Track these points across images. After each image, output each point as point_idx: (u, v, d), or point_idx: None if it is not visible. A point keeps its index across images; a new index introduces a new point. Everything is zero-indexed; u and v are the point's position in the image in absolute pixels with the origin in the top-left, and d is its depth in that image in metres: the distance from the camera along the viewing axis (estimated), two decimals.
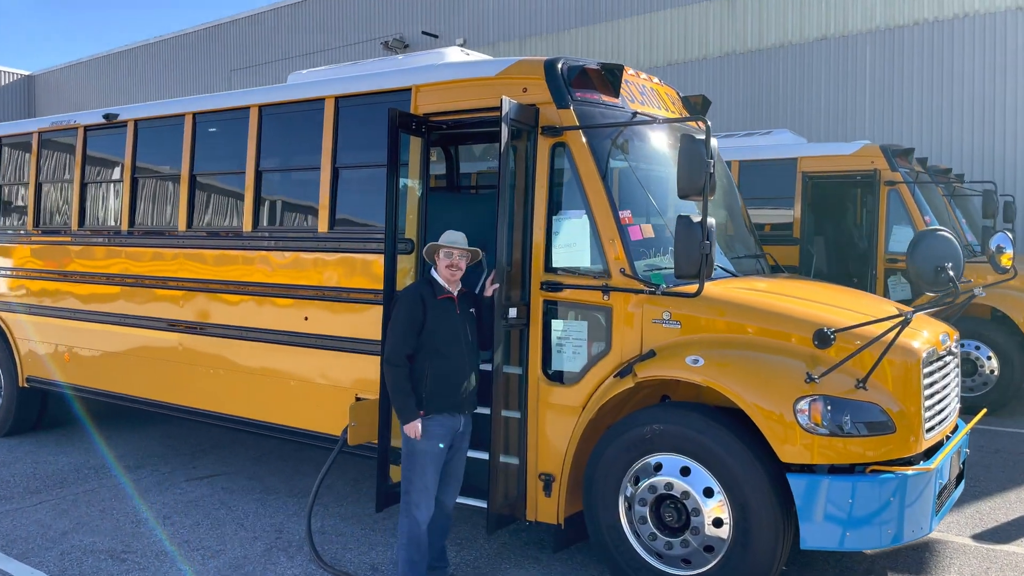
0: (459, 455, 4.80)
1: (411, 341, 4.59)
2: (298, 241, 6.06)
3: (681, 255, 4.11)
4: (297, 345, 6.00)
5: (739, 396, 4.15)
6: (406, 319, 4.61)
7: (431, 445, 4.60)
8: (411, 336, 4.59)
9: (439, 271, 4.75)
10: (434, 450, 4.62)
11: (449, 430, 4.66)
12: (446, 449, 4.69)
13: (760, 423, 4.10)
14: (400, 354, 4.60)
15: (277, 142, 6.31)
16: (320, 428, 5.89)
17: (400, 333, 4.62)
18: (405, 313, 4.63)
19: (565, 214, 4.89)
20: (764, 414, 4.09)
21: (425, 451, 4.60)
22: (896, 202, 9.73)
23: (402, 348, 4.60)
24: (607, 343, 4.73)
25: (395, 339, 4.65)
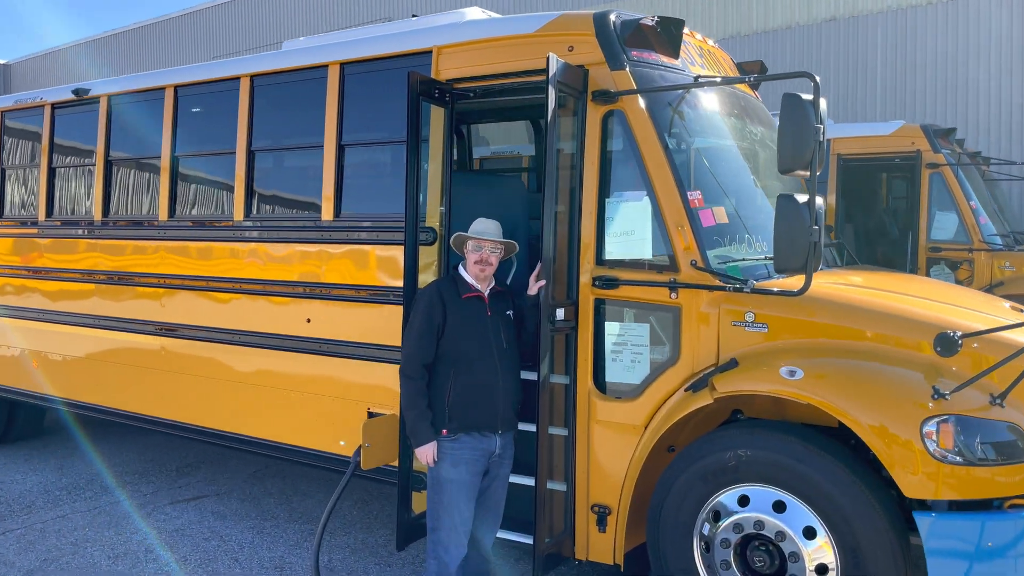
0: (497, 483, 4.03)
1: (428, 348, 3.84)
2: (298, 231, 5.24)
3: (783, 244, 3.34)
4: (298, 351, 5.19)
5: (851, 417, 3.38)
6: (422, 323, 3.85)
7: (459, 473, 3.84)
8: (428, 342, 3.83)
9: (468, 266, 3.97)
10: (463, 478, 3.85)
11: (481, 454, 3.89)
12: (479, 476, 3.92)
13: (879, 449, 3.34)
14: (415, 364, 3.84)
15: (273, 117, 5.48)
16: (327, 448, 5.09)
17: (415, 339, 3.86)
18: (421, 315, 3.87)
19: (621, 196, 4.11)
20: (885, 438, 3.33)
21: (453, 480, 3.83)
22: (939, 186, 9.02)
23: (417, 356, 3.84)
24: (674, 350, 3.96)
25: (409, 346, 3.89)
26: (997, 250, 8.80)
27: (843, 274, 4.38)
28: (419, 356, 3.85)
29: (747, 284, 3.66)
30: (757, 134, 4.74)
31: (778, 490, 3.57)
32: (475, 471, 3.88)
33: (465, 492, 3.86)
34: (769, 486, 3.60)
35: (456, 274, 4.05)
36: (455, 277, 4.03)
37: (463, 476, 3.84)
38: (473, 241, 3.97)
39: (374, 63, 4.95)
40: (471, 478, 3.87)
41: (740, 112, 4.67)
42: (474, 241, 3.97)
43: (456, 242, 4.08)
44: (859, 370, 3.51)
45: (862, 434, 3.38)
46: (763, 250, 4.18)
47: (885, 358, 3.52)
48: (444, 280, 4.09)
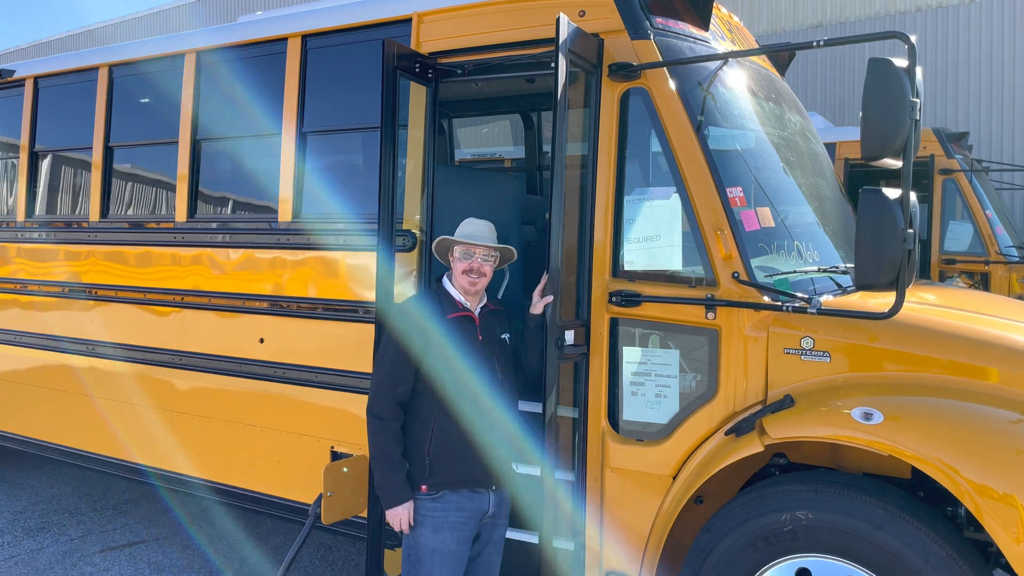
0: (490, 549, 3.25)
1: (403, 383, 3.08)
2: (251, 234, 4.42)
3: (868, 253, 2.59)
4: (249, 376, 4.37)
5: (953, 474, 2.64)
6: (396, 350, 3.08)
7: (442, 541, 3.07)
8: (403, 375, 3.07)
9: (454, 278, 3.20)
10: (448, 547, 3.08)
11: (470, 516, 3.12)
12: (468, 543, 3.15)
13: (990, 518, 2.60)
14: (386, 402, 3.07)
15: (223, 101, 4.66)
16: (283, 493, 4.27)
17: (386, 372, 3.09)
18: (395, 341, 3.10)
19: (644, 193, 3.36)
20: (998, 505, 2.59)
21: (435, 550, 3.06)
22: (952, 193, 8.41)
23: (389, 394, 3.07)
24: (711, 382, 3.21)
25: (379, 380, 3.13)
26: (1014, 263, 8.22)
27: (916, 290, 3.65)
28: (391, 393, 3.06)
29: (812, 303, 2.91)
30: (796, 123, 4.02)
31: (849, 563, 2.83)
32: (462, 537, 3.10)
33: (450, 564, 3.07)
34: (837, 558, 2.85)
35: (440, 288, 3.28)
36: (438, 292, 3.26)
37: (447, 545, 3.06)
38: (461, 247, 3.21)
39: (342, 35, 4.16)
40: (457, 546, 3.09)
41: (777, 97, 3.95)
42: (463, 247, 3.21)
43: (440, 248, 3.31)
44: (956, 413, 2.78)
45: (961, 495, 2.65)
46: (814, 260, 3.46)
47: (988, 398, 2.80)
48: (424, 296, 3.32)
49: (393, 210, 3.51)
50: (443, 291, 3.26)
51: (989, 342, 2.92)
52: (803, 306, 2.93)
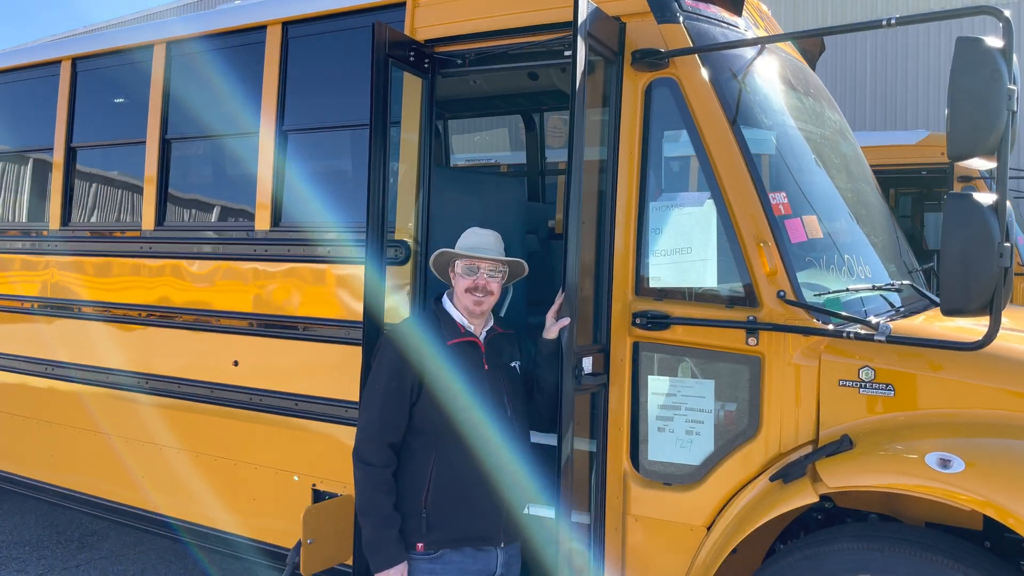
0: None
1: (396, 423, 2.62)
2: (225, 244, 3.96)
3: (955, 270, 2.16)
4: (221, 403, 3.90)
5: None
6: (387, 385, 2.62)
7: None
8: (396, 414, 2.62)
9: (456, 297, 2.75)
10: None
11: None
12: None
13: None
14: (375, 447, 2.62)
15: (195, 96, 4.20)
16: (257, 535, 3.80)
17: (376, 410, 2.63)
18: (386, 374, 2.63)
19: (673, 199, 2.92)
20: None
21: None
22: None
23: (379, 436, 2.62)
24: (752, 418, 2.77)
25: (368, 421, 2.65)
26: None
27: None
28: (382, 435, 2.61)
29: (880, 329, 2.47)
30: (835, 121, 3.60)
31: None
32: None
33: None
34: None
35: (439, 309, 2.82)
36: (437, 314, 2.81)
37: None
38: (464, 261, 2.76)
39: (327, 21, 3.72)
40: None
41: (816, 92, 3.53)
42: (465, 261, 2.76)
43: (438, 263, 2.86)
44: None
45: None
46: (866, 276, 3.03)
47: None
48: (420, 318, 2.86)
49: (384, 218, 3.06)
50: (442, 312, 2.80)
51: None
52: (868, 332, 2.49)
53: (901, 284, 3.13)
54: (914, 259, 3.86)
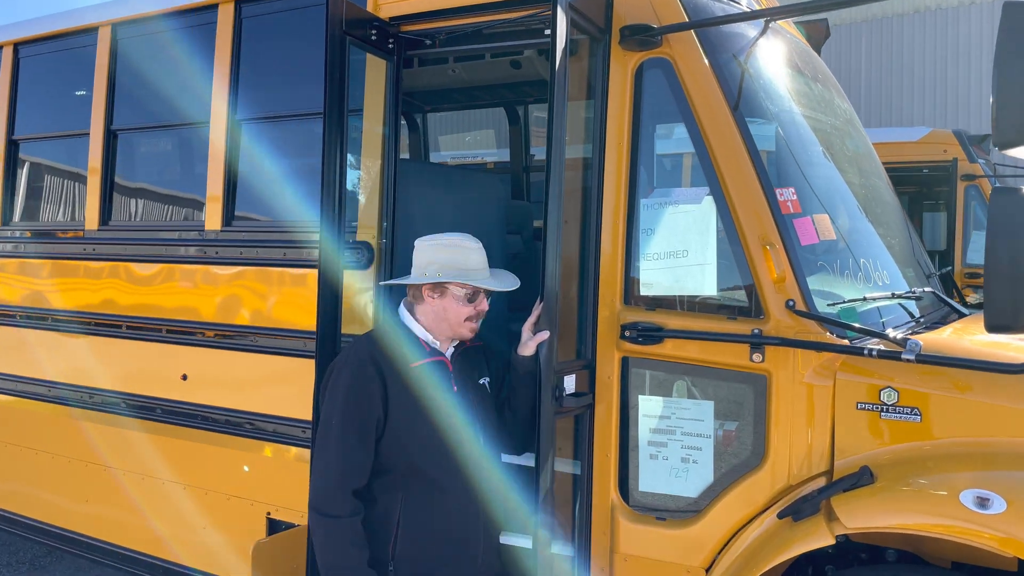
0: None
1: (360, 465, 2.26)
2: (174, 244, 3.60)
3: (1002, 279, 1.82)
4: (168, 420, 3.54)
5: None
6: (344, 422, 2.26)
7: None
8: (359, 455, 2.25)
9: (437, 319, 2.37)
10: None
11: None
12: None
13: None
14: (338, 496, 2.24)
15: (143, 84, 3.83)
16: (208, 567, 3.44)
17: (334, 454, 2.26)
18: (343, 409, 2.26)
19: (667, 196, 2.58)
20: None
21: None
22: (976, 201, 7.72)
23: (340, 483, 2.24)
24: (757, 445, 2.43)
25: (325, 466, 2.26)
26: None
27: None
28: (344, 481, 2.23)
29: (908, 346, 2.13)
30: (845, 111, 3.27)
31: None
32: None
33: None
34: None
35: (399, 323, 2.45)
36: (398, 329, 2.44)
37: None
38: (470, 289, 2.39)
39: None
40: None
41: (824, 79, 3.20)
42: (472, 289, 2.39)
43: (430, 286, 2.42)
44: None
45: None
46: (883, 283, 2.70)
47: None
48: (378, 337, 2.46)
49: (341, 216, 2.71)
50: (401, 327, 2.43)
51: None
52: (895, 349, 2.16)
53: (923, 292, 2.80)
54: (929, 262, 3.54)
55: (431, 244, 2.44)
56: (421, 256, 2.43)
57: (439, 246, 2.42)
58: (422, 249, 2.44)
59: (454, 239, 2.44)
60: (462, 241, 2.43)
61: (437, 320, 2.40)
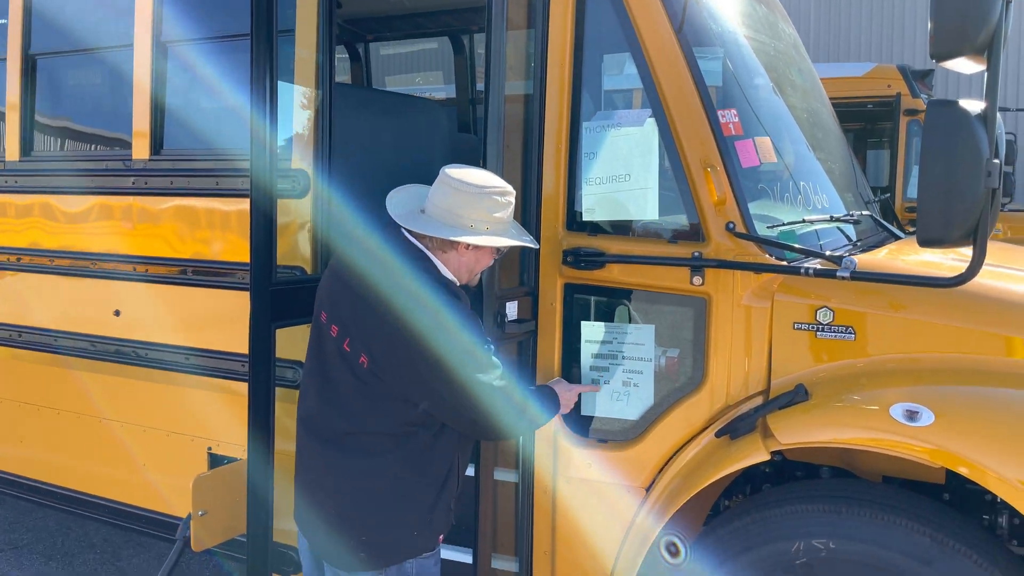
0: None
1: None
2: (100, 176, 3.44)
3: (936, 192, 1.84)
4: (102, 357, 3.44)
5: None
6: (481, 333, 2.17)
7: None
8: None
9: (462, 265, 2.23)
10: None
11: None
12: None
13: None
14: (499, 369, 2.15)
15: (62, 4, 3.61)
16: (149, 504, 3.40)
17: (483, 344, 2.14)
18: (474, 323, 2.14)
19: (609, 119, 2.54)
20: None
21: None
22: (919, 136, 7.82)
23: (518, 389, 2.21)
24: (697, 368, 2.46)
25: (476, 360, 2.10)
26: None
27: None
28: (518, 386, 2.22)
29: (843, 263, 2.15)
30: (789, 35, 3.24)
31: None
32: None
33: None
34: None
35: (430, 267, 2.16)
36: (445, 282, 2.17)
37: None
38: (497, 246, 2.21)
39: None
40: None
41: (769, 2, 3.15)
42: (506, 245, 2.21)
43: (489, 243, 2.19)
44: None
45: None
46: (822, 207, 2.72)
47: None
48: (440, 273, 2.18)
49: (273, 141, 2.60)
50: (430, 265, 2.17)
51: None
52: (830, 268, 2.18)
53: (860, 215, 2.83)
54: (869, 189, 3.58)
55: (476, 192, 2.11)
56: (467, 207, 2.11)
57: (482, 194, 2.12)
58: (466, 199, 2.11)
59: (492, 183, 2.16)
60: (502, 186, 2.18)
61: (462, 269, 2.21)
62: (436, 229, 2.12)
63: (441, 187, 2.16)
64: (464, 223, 2.12)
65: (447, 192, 2.14)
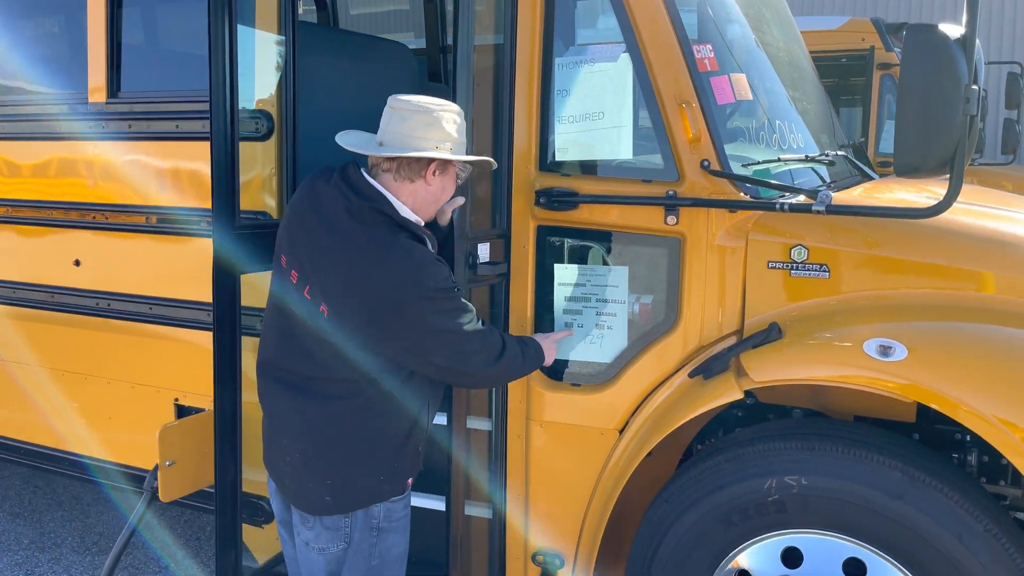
0: None
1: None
2: (55, 120, 3.31)
3: (913, 120, 1.81)
4: (63, 309, 3.35)
5: (1007, 430, 1.95)
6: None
7: (406, 542, 2.30)
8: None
9: (426, 201, 2.14)
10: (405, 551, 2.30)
11: None
12: None
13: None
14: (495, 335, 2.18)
15: None
16: (116, 457, 3.34)
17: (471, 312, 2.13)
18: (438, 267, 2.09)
19: (582, 55, 2.47)
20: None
21: (401, 556, 2.28)
22: (892, 92, 7.83)
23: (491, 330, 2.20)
24: (671, 309, 2.43)
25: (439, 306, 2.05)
26: None
27: (914, 185, 2.91)
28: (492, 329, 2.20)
29: (819, 197, 2.12)
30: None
31: (852, 540, 2.16)
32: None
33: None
34: (836, 534, 2.18)
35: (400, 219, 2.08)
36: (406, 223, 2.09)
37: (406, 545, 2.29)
38: (461, 166, 2.18)
39: None
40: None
41: None
42: (462, 166, 2.18)
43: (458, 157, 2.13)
44: (1003, 342, 2.09)
45: (1013, 455, 1.98)
46: (798, 146, 2.69)
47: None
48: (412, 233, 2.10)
49: (230, 79, 2.49)
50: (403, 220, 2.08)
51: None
52: (806, 203, 2.15)
53: (835, 155, 2.81)
54: (843, 133, 3.56)
55: (434, 112, 2.05)
56: (427, 128, 2.04)
57: (441, 113, 2.05)
58: (425, 119, 2.04)
59: (447, 103, 2.12)
60: (455, 106, 2.14)
61: (428, 201, 2.12)
62: (404, 151, 2.04)
63: (396, 113, 2.09)
64: (428, 144, 2.04)
65: (404, 116, 2.06)
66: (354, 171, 2.10)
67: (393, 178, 2.08)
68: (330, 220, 2.04)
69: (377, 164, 2.10)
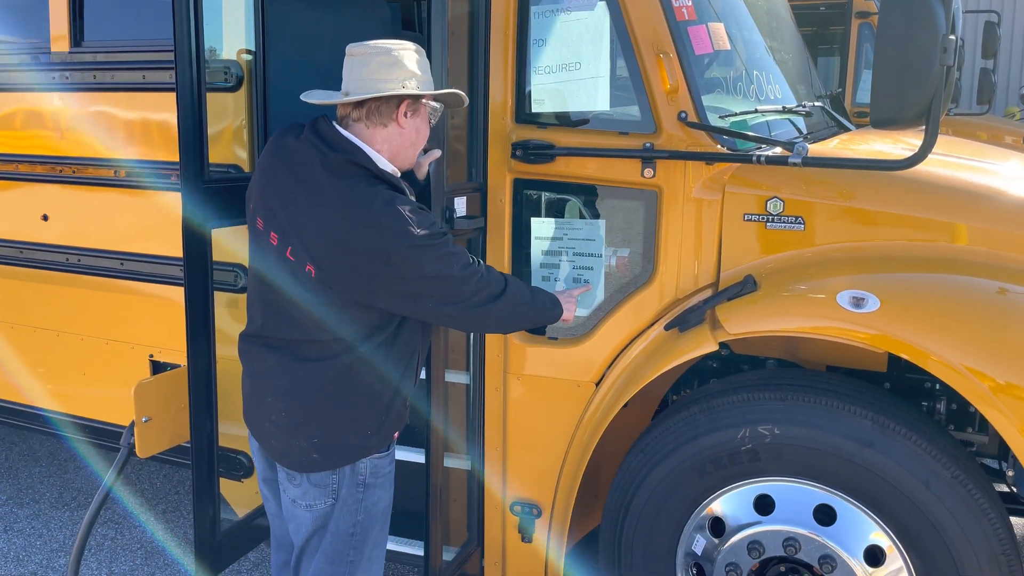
0: None
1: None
2: (16, 71, 3.21)
3: (889, 70, 1.79)
4: (32, 264, 3.29)
5: (975, 379, 1.99)
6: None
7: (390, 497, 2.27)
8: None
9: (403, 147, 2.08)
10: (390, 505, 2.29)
11: None
12: None
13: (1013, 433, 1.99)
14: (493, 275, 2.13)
15: None
16: (91, 414, 3.32)
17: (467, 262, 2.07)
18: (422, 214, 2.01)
19: (557, 4, 2.42)
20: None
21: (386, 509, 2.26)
22: (869, 41, 7.79)
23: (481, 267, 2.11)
24: (647, 262, 2.44)
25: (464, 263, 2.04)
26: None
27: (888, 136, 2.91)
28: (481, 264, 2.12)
29: (795, 149, 2.11)
30: None
31: (823, 488, 2.21)
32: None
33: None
34: (808, 481, 2.22)
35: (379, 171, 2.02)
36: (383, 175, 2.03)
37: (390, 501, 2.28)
38: (434, 105, 2.12)
39: None
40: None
41: None
42: (433, 106, 2.11)
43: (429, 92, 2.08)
44: (973, 293, 2.11)
45: (981, 403, 2.02)
46: (775, 97, 2.67)
47: (1004, 272, 2.14)
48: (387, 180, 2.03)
49: (196, 27, 2.42)
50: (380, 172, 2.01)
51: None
52: (782, 155, 2.14)
53: (812, 107, 2.80)
54: (820, 83, 3.54)
55: (396, 51, 1.98)
56: (393, 69, 1.97)
57: (402, 52, 1.99)
58: (389, 59, 1.97)
59: (406, 43, 2.05)
60: (415, 44, 2.06)
61: (404, 146, 2.05)
62: (370, 93, 1.96)
63: (355, 60, 2.00)
64: (393, 84, 1.96)
65: (364, 61, 1.98)
66: (325, 124, 2.04)
67: (365, 126, 2.02)
68: (306, 177, 1.98)
69: (347, 115, 2.04)
